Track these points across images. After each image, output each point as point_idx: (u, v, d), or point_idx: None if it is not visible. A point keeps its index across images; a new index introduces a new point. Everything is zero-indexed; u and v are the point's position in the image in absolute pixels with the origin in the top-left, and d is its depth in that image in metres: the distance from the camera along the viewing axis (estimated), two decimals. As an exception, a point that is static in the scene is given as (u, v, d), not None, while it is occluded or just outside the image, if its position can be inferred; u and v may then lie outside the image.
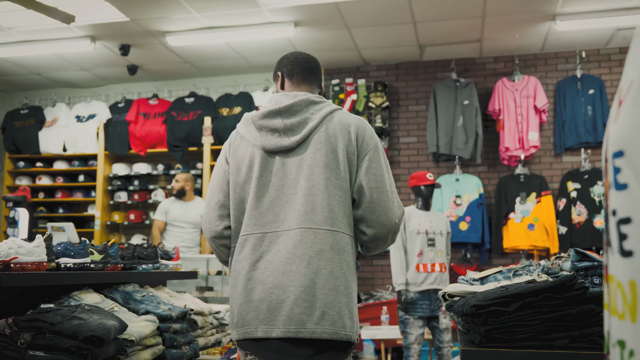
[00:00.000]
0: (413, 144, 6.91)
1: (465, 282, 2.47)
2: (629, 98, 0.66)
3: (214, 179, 2.02)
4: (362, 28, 5.94)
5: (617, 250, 0.68)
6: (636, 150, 0.64)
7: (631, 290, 0.65)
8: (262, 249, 1.87)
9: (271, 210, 1.89)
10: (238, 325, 1.87)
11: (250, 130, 1.94)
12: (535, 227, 6.22)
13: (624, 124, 0.66)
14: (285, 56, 2.11)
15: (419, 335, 4.64)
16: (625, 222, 0.66)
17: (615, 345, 0.69)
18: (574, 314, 1.69)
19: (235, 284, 1.90)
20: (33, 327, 2.11)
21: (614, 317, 0.70)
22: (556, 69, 6.68)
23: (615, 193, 0.68)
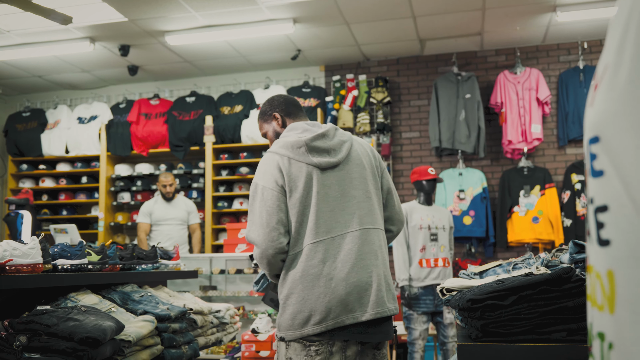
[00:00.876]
0: (415, 139, 6.88)
1: (465, 277, 2.44)
2: (603, 82, 0.64)
3: (268, 200, 2.20)
4: (361, 23, 5.91)
5: (594, 240, 0.65)
6: (612, 136, 0.61)
7: (609, 280, 0.62)
8: (334, 251, 2.19)
9: (333, 217, 2.22)
10: (322, 319, 2.13)
11: (299, 152, 2.24)
12: (539, 220, 6.18)
13: (599, 108, 0.63)
14: (273, 99, 2.50)
15: (423, 330, 4.62)
16: (602, 210, 0.63)
17: (596, 337, 0.67)
18: (572, 306, 1.66)
19: (312, 285, 2.15)
20: (29, 329, 2.10)
21: (594, 309, 0.67)
22: (558, 60, 6.63)
23: (592, 180, 0.66)
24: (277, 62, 7.00)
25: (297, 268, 2.18)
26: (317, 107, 6.81)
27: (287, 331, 2.17)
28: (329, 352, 2.15)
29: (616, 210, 0.61)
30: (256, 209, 2.21)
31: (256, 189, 2.23)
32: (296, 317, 2.15)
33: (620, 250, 0.61)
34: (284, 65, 7.09)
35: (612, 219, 0.62)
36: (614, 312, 0.61)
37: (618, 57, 0.61)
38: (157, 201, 6.24)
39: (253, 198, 2.24)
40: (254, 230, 2.21)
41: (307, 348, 2.14)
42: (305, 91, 6.95)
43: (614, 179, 0.61)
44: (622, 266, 0.61)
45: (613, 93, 0.61)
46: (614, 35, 0.65)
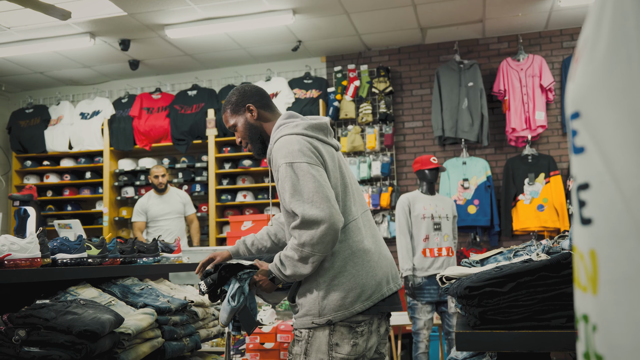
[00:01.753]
0: (418, 128, 6.84)
1: (467, 265, 2.43)
2: (583, 56, 0.62)
3: (319, 176, 2.08)
4: (361, 13, 5.87)
5: (577, 219, 0.63)
6: (591, 110, 0.59)
7: (592, 260, 0.60)
8: (367, 226, 2.25)
9: (357, 195, 2.30)
10: (371, 294, 2.14)
11: (324, 134, 2.25)
12: (545, 207, 6.14)
13: (579, 83, 0.61)
14: (244, 89, 2.39)
15: (428, 320, 4.60)
16: (583, 187, 0.61)
17: (580, 319, 0.65)
18: (571, 292, 1.64)
19: (362, 261, 2.15)
20: (27, 323, 2.10)
21: (579, 290, 0.65)
22: (561, 46, 6.57)
23: (574, 157, 0.64)
24: (278, 53, 6.97)
25: (346, 245, 2.15)
26: (319, 99, 6.79)
27: (335, 313, 2.09)
28: (369, 332, 2.15)
29: (597, 187, 0.59)
30: (310, 185, 2.04)
31: (299, 168, 2.07)
32: (347, 295, 2.10)
33: (602, 229, 0.59)
34: (284, 56, 7.06)
35: (593, 196, 0.60)
36: (597, 293, 0.60)
37: (596, 30, 0.59)
38: (150, 197, 6.24)
39: (299, 178, 2.06)
40: (315, 205, 2.02)
41: (354, 330, 2.11)
42: (306, 82, 6.92)
43: (594, 155, 0.59)
44: (604, 245, 0.59)
45: (591, 66, 0.59)
46: (593, 7, 0.63)
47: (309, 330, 2.11)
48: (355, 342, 2.11)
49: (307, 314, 2.13)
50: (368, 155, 6.74)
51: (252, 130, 2.34)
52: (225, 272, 2.23)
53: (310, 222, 2.02)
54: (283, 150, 2.11)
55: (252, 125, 2.33)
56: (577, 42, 0.64)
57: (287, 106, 6.79)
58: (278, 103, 6.80)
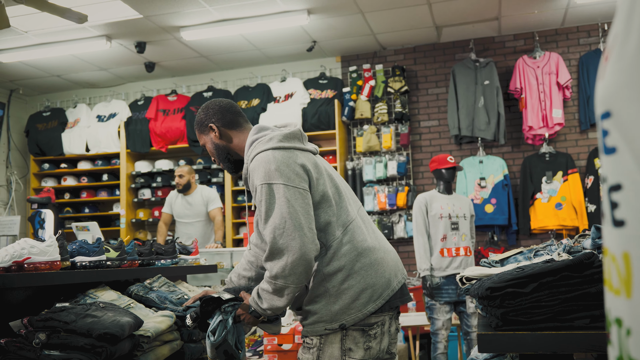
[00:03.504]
0: (434, 127, 6.81)
1: (486, 265, 2.41)
2: (613, 53, 0.60)
3: (297, 199, 2.00)
4: (376, 12, 5.85)
5: (609, 220, 0.62)
6: (623, 109, 0.58)
7: (625, 263, 0.59)
8: (366, 224, 2.21)
9: (350, 194, 2.27)
10: (382, 292, 2.11)
11: (300, 141, 2.19)
12: (563, 206, 6.08)
13: (609, 81, 0.60)
14: (207, 106, 2.30)
15: (446, 320, 4.58)
16: (615, 189, 0.60)
17: (613, 323, 0.64)
18: (594, 292, 1.62)
19: (369, 260, 2.11)
20: (47, 326, 2.11)
21: (611, 293, 0.64)
22: (578, 43, 6.51)
23: (605, 158, 0.62)
24: (293, 54, 6.97)
25: (349, 247, 2.09)
26: (334, 99, 6.78)
27: (348, 316, 2.04)
28: (382, 334, 2.12)
29: (630, 188, 0.58)
30: (280, 212, 1.97)
31: (273, 190, 1.99)
32: (359, 297, 2.06)
33: (636, 231, 0.57)
34: (299, 57, 7.06)
35: (626, 197, 0.58)
36: (631, 297, 0.58)
37: (627, 25, 0.58)
38: (177, 195, 6.24)
39: (270, 201, 1.99)
40: (285, 235, 1.96)
41: (367, 334, 2.07)
42: (322, 83, 6.91)
43: (626, 155, 0.58)
44: (638, 247, 0.57)
45: (622, 63, 0.58)
46: (623, 3, 0.61)
47: (320, 337, 2.06)
48: (369, 345, 2.07)
49: (318, 320, 2.07)
50: (384, 155, 6.72)
51: (218, 150, 2.28)
52: (208, 306, 2.18)
53: (279, 253, 1.97)
54: (260, 170, 2.03)
55: (217, 145, 2.27)
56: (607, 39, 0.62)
57: (303, 106, 6.78)
58: (293, 104, 6.80)
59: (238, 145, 2.26)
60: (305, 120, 6.74)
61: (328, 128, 6.71)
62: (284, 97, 6.92)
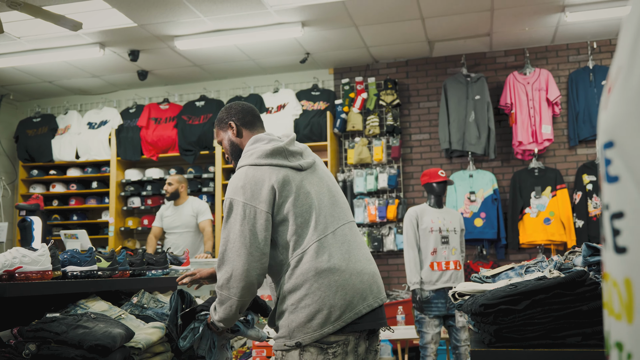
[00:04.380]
0: (425, 140, 6.85)
1: (477, 280, 2.42)
2: (617, 84, 0.62)
3: (251, 218, 2.10)
4: (370, 26, 5.89)
5: (611, 247, 0.63)
6: (626, 139, 0.59)
7: (626, 288, 0.60)
8: (338, 244, 2.18)
9: (329, 212, 2.22)
10: (342, 314, 2.09)
11: (281, 157, 2.21)
12: (551, 221, 6.13)
13: (613, 112, 0.62)
14: (231, 107, 2.44)
15: (436, 334, 4.58)
16: (618, 216, 0.61)
17: (613, 347, 0.65)
18: (586, 310, 1.64)
19: (328, 281, 2.10)
20: (38, 337, 2.10)
21: (612, 317, 0.65)
22: (567, 60, 6.58)
23: (607, 186, 0.64)
24: (286, 65, 6.99)
25: (307, 267, 2.11)
26: (326, 110, 6.80)
27: (304, 335, 2.07)
28: (344, 353, 2.10)
29: (632, 216, 0.59)
30: (235, 228, 2.11)
31: (234, 206, 2.13)
32: (315, 317, 2.07)
33: (638, 258, 0.59)
34: (293, 68, 7.09)
35: (628, 225, 0.60)
36: (633, 322, 0.59)
37: (631, 59, 0.59)
38: (169, 206, 6.22)
39: (230, 216, 2.13)
40: (233, 250, 2.09)
41: (325, 351, 2.07)
42: (314, 94, 6.94)
43: (629, 184, 0.59)
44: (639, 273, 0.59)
45: (627, 95, 0.60)
46: (626, 36, 0.63)
47: (282, 352, 2.12)
48: None
49: (280, 335, 2.13)
50: (375, 167, 6.74)
51: (232, 147, 2.41)
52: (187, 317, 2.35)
53: (225, 265, 2.11)
54: (231, 184, 2.19)
55: (233, 142, 2.40)
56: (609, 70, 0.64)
57: (295, 118, 6.80)
58: (286, 115, 6.82)
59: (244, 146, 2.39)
60: (297, 132, 6.75)
61: (320, 139, 6.73)
62: (277, 108, 6.94)
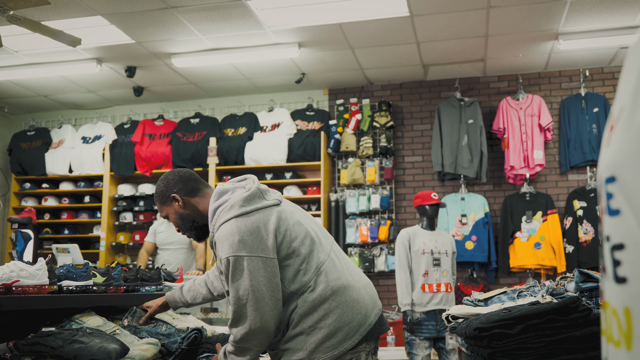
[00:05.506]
0: (418, 163, 6.90)
1: (470, 303, 2.44)
2: (619, 123, 0.66)
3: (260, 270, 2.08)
4: (365, 48, 5.97)
5: (611, 277, 0.67)
6: (627, 176, 0.63)
7: (626, 317, 0.64)
8: (338, 261, 2.23)
9: (322, 235, 2.28)
10: (358, 327, 2.14)
11: (261, 200, 2.20)
12: (542, 245, 6.18)
13: (615, 149, 0.65)
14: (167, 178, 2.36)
15: (426, 356, 4.60)
16: (618, 248, 0.65)
17: (612, 373, 0.68)
18: (578, 336, 1.67)
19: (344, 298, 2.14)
20: (34, 350, 2.10)
21: (610, 344, 0.68)
22: (560, 87, 6.69)
23: (608, 219, 0.68)
24: (282, 85, 7.06)
25: (323, 287, 2.13)
26: (320, 130, 6.85)
27: (324, 355, 2.08)
28: None
29: (633, 248, 0.63)
30: (244, 284, 2.06)
31: (238, 262, 2.07)
32: (335, 334, 2.09)
33: (637, 288, 0.62)
34: (288, 88, 7.15)
35: (628, 257, 0.64)
36: (632, 349, 0.63)
37: (634, 100, 0.63)
38: (162, 222, 6.22)
39: (236, 273, 2.07)
40: (249, 307, 2.07)
41: None
42: (308, 114, 7.00)
43: (630, 218, 0.63)
44: (639, 303, 0.62)
45: (629, 135, 0.63)
46: (630, 76, 0.67)
47: None
48: None
49: (296, 358, 2.12)
50: (368, 188, 6.78)
51: (182, 219, 2.35)
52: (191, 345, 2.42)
53: (242, 321, 2.09)
54: (226, 242, 2.10)
55: (181, 214, 2.33)
56: (611, 109, 0.68)
57: (289, 137, 6.85)
58: (280, 134, 6.86)
59: (203, 211, 2.32)
60: (291, 151, 6.80)
61: (313, 159, 6.77)
62: (271, 127, 6.98)
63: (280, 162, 6.77)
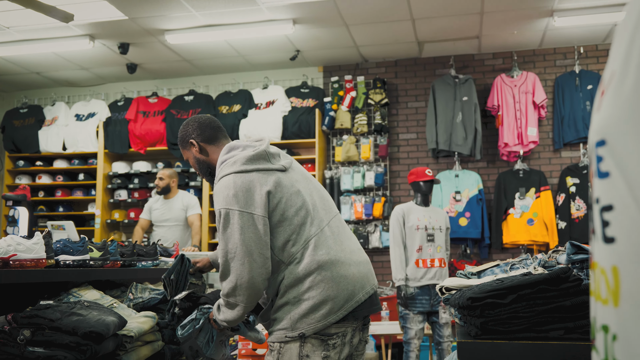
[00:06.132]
0: (412, 140, 6.92)
1: (463, 276, 2.48)
2: (610, 89, 0.67)
3: (250, 225, 2.10)
4: (360, 25, 5.94)
5: (600, 237, 0.69)
6: (617, 139, 0.65)
7: (614, 275, 0.66)
8: (333, 236, 2.23)
9: (321, 206, 2.28)
10: (345, 303, 2.15)
11: (265, 161, 2.22)
12: (534, 222, 6.23)
13: (606, 114, 0.67)
14: (187, 124, 2.42)
15: (419, 330, 4.66)
16: (607, 209, 0.67)
17: (599, 330, 0.71)
18: (569, 305, 1.70)
19: (331, 272, 2.15)
20: (32, 323, 2.13)
21: (598, 303, 0.71)
22: (554, 64, 6.69)
23: (598, 181, 0.70)
24: (276, 62, 7.03)
25: (309, 261, 2.15)
26: (315, 108, 6.85)
27: (307, 326, 2.11)
28: (342, 345, 2.16)
29: (621, 209, 0.65)
30: (234, 237, 2.11)
31: (230, 216, 2.12)
32: (319, 308, 2.12)
33: (625, 247, 0.64)
34: (282, 65, 7.12)
35: (616, 217, 0.66)
36: (618, 305, 0.65)
37: (625, 65, 0.65)
38: (158, 199, 6.22)
39: (226, 227, 2.12)
40: (236, 260, 2.10)
41: (325, 343, 2.12)
42: (303, 91, 6.98)
43: (618, 180, 0.65)
44: (626, 262, 0.64)
45: (619, 99, 0.65)
46: (620, 42, 0.69)
47: (281, 343, 2.15)
48: (327, 354, 2.12)
49: (281, 328, 2.15)
50: (362, 165, 6.80)
51: (199, 164, 2.41)
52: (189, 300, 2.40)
53: (230, 275, 2.12)
54: (221, 194, 2.16)
55: (198, 159, 2.40)
56: (603, 75, 0.69)
57: (284, 114, 6.84)
58: (274, 111, 6.85)
59: (215, 159, 2.37)
60: (286, 129, 6.80)
61: (308, 137, 6.78)
62: (265, 104, 6.97)
63: (274, 140, 6.77)
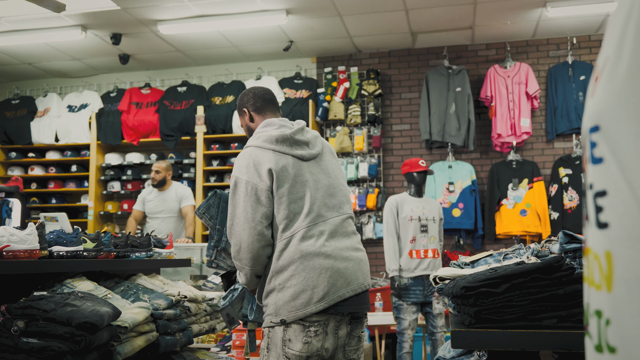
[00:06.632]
0: (406, 131, 6.92)
1: (456, 266, 2.49)
2: (604, 74, 0.67)
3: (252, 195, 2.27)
4: (354, 15, 5.93)
5: (593, 223, 0.69)
6: (611, 125, 0.65)
7: (607, 260, 0.66)
8: (328, 231, 2.30)
9: (324, 202, 2.34)
10: (325, 295, 2.22)
11: (284, 145, 2.33)
12: (527, 212, 6.25)
13: (599, 99, 0.67)
14: (244, 93, 2.58)
15: (413, 320, 4.68)
16: (601, 195, 0.67)
17: (592, 315, 0.71)
18: (562, 294, 1.71)
19: (313, 263, 2.23)
20: (26, 314, 2.12)
21: (592, 288, 0.71)
22: (547, 55, 6.70)
23: (591, 167, 0.70)
24: (269, 53, 7.01)
25: (294, 249, 2.25)
26: (308, 99, 6.84)
27: (288, 313, 2.21)
28: (324, 333, 2.23)
29: (614, 194, 0.65)
30: (239, 203, 2.28)
31: (238, 183, 2.30)
32: (299, 296, 2.21)
33: (618, 232, 0.65)
34: (276, 56, 7.10)
35: (610, 203, 0.66)
36: (612, 290, 0.65)
37: (618, 51, 0.65)
38: (151, 191, 6.21)
39: (235, 193, 2.31)
40: (238, 224, 2.27)
41: (307, 329, 2.20)
42: (297, 82, 6.97)
43: (612, 165, 0.65)
44: (619, 247, 0.65)
45: (613, 84, 0.65)
46: (614, 28, 0.69)
47: (269, 329, 2.27)
48: (308, 340, 2.21)
49: (268, 314, 2.28)
50: (356, 156, 6.80)
51: (249, 131, 2.57)
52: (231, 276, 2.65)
53: (233, 238, 2.31)
54: (237, 163, 2.36)
55: (248, 126, 2.57)
56: (597, 61, 0.70)
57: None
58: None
59: None
60: (279, 119, 6.78)
61: (301, 128, 6.76)
62: (259, 95, 6.95)
63: (268, 131, 6.75)
